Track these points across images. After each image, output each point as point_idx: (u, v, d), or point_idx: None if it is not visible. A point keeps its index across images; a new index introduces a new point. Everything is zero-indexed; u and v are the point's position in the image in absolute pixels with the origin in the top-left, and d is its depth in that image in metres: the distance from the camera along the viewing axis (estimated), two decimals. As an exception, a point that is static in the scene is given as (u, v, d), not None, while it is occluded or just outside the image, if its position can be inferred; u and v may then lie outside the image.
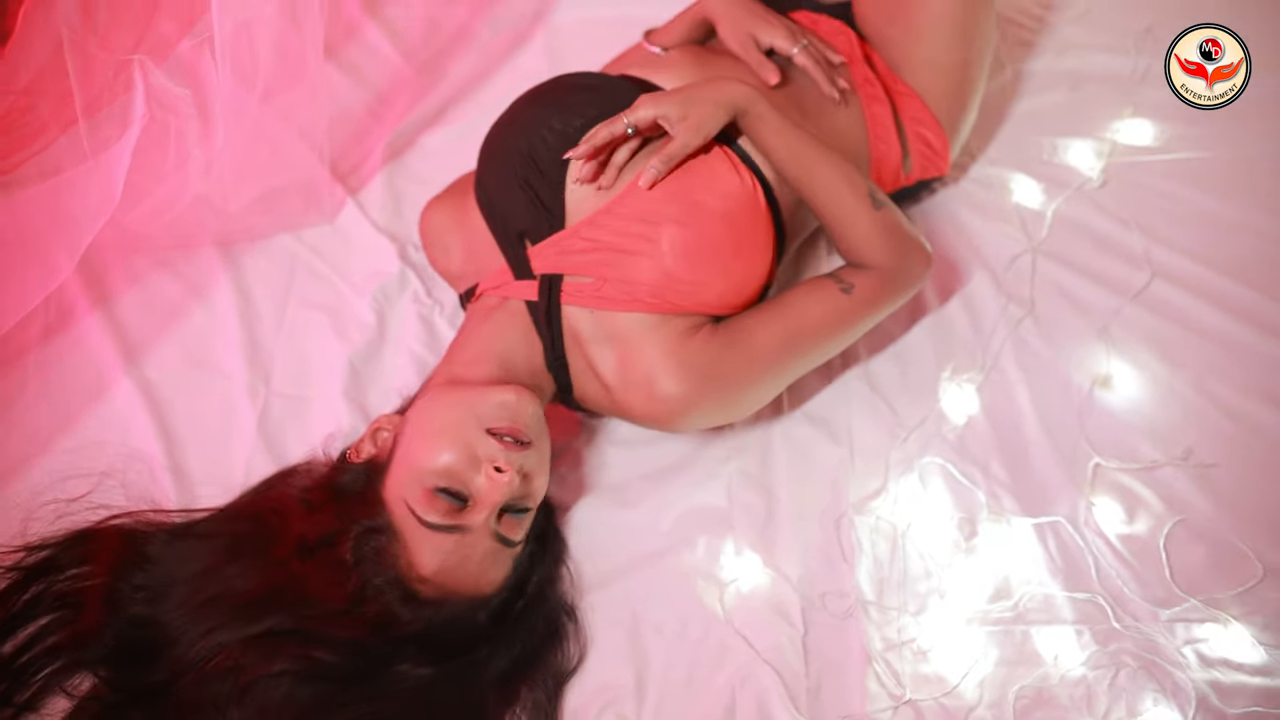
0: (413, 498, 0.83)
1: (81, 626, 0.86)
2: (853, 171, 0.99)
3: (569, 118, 0.97)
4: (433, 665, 0.86)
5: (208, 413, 1.09)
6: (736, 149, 1.00)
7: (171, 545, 0.89)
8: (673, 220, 0.93)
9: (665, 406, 0.93)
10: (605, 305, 0.94)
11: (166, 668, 0.83)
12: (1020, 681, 0.93)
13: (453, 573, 0.84)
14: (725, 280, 0.95)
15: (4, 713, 0.86)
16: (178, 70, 1.08)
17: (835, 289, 0.98)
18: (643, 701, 0.93)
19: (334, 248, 1.22)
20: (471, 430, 0.86)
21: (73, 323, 1.13)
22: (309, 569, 0.83)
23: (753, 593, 0.99)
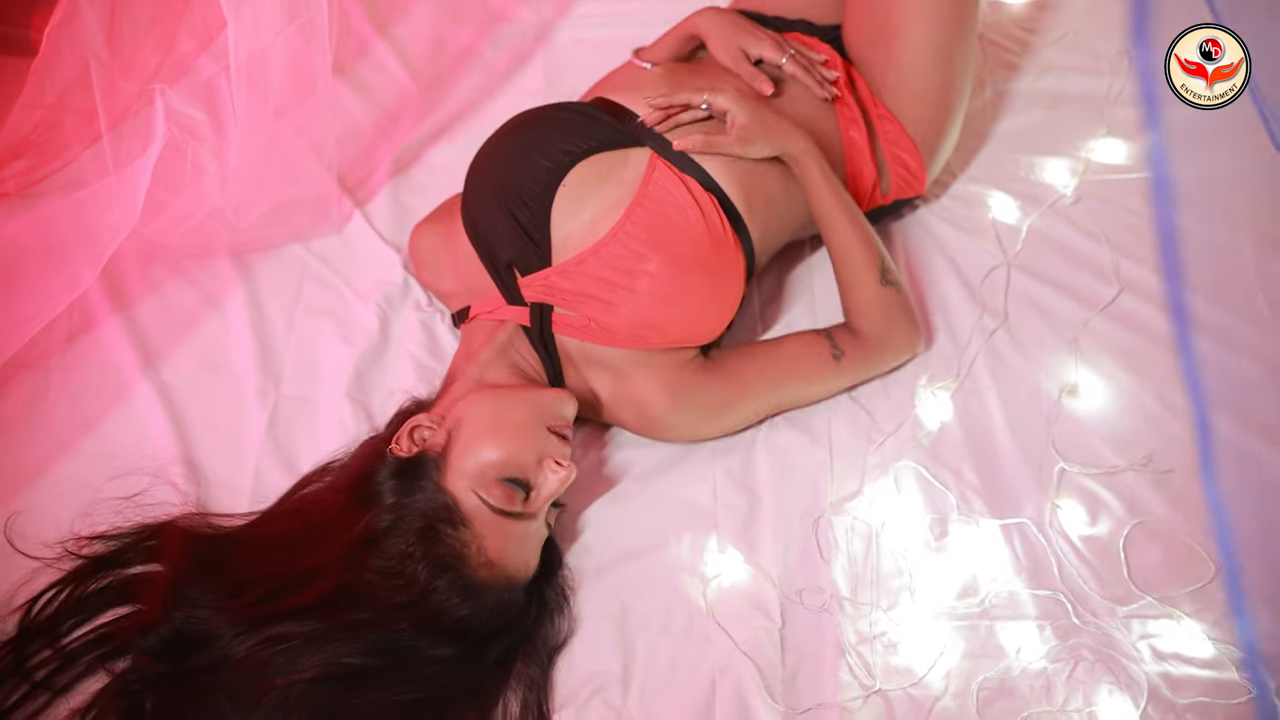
0: (483, 487, 0.91)
1: (139, 618, 0.92)
2: (872, 242, 1.08)
3: (552, 151, 1.03)
4: (451, 648, 0.90)
5: (221, 413, 1.15)
6: (705, 179, 1.05)
7: (226, 546, 0.96)
8: (648, 273, 1.00)
9: (654, 425, 1.05)
10: (591, 339, 1.02)
11: (208, 659, 0.89)
12: (984, 673, 0.98)
13: (513, 557, 0.92)
14: (699, 319, 1.03)
15: (41, 695, 0.93)
16: (195, 86, 1.15)
17: (827, 352, 1.08)
18: (629, 689, 0.98)
19: (341, 257, 1.28)
20: (537, 427, 0.95)
21: (94, 327, 1.20)
22: (367, 561, 0.89)
23: (734, 587, 1.04)
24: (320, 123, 1.25)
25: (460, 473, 0.92)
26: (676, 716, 0.96)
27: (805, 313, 1.24)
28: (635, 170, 1.04)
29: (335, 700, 0.87)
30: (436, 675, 0.90)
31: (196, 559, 0.95)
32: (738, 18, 1.16)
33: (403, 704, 0.89)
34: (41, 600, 0.96)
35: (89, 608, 0.96)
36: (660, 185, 1.03)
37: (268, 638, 0.88)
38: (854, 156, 1.17)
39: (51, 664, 0.93)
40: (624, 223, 1.01)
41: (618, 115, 1.08)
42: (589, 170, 1.03)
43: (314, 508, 0.99)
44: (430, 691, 0.90)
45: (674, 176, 1.04)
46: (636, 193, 1.02)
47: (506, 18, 1.53)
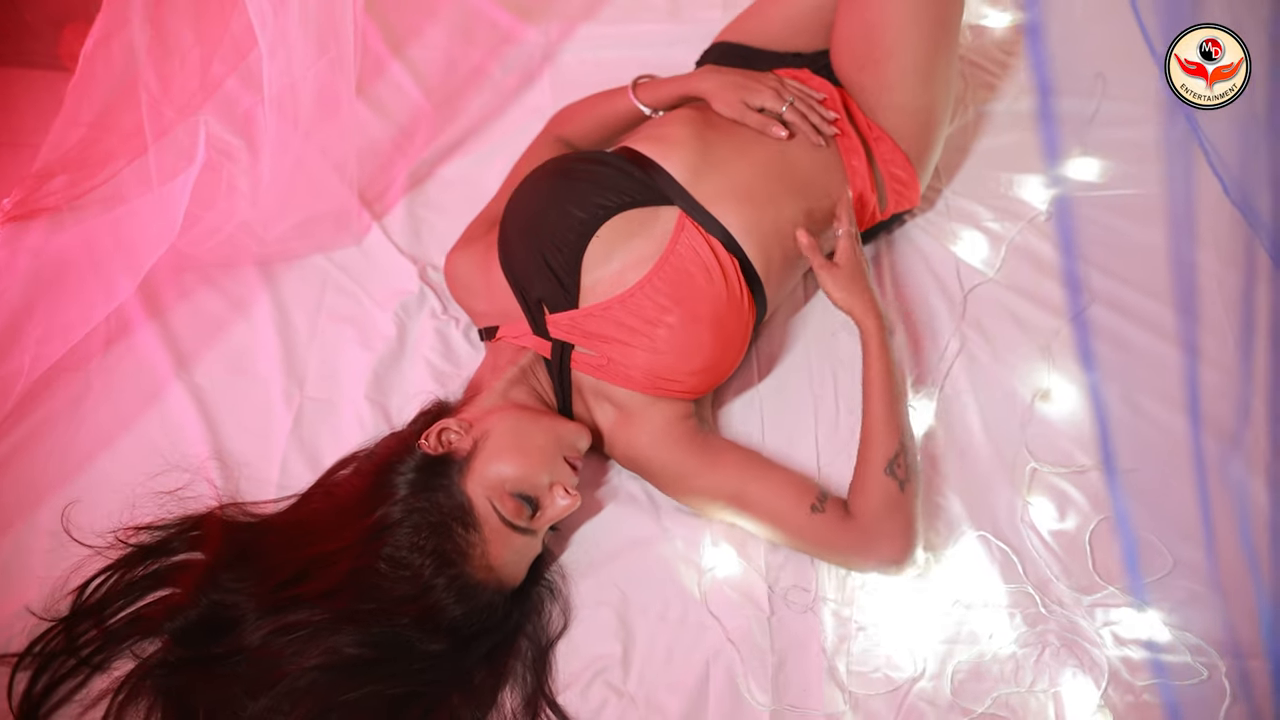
0: (498, 497, 0.99)
1: (172, 601, 1.01)
2: (896, 428, 1.09)
3: (587, 204, 1.11)
4: (442, 645, 0.97)
5: (249, 413, 1.23)
6: (729, 241, 1.13)
7: (259, 533, 1.04)
8: (668, 324, 1.08)
9: (638, 466, 1.13)
10: (606, 378, 1.11)
11: (228, 645, 0.97)
12: (959, 657, 1.06)
13: (509, 566, 1.00)
14: (708, 372, 1.11)
15: (80, 670, 1.01)
16: (234, 115, 1.23)
17: (809, 500, 1.08)
18: (628, 671, 1.06)
19: (360, 267, 1.37)
20: (556, 454, 1.04)
21: (130, 333, 1.28)
22: (378, 548, 0.96)
23: (727, 580, 1.12)
24: (342, 142, 1.32)
25: (480, 480, 1.00)
26: (672, 697, 1.04)
27: (801, 341, 1.30)
28: (665, 228, 1.12)
29: (333, 692, 0.94)
30: (425, 671, 0.97)
31: (233, 546, 1.02)
32: (734, 73, 1.22)
33: (393, 698, 0.96)
34: (92, 585, 1.04)
35: (134, 592, 1.05)
36: (687, 244, 1.11)
37: (281, 625, 0.96)
38: (857, 184, 1.24)
39: (96, 642, 1.02)
40: (651, 277, 1.09)
41: (645, 169, 1.14)
42: (621, 225, 1.11)
43: (339, 492, 1.07)
44: (418, 686, 0.97)
45: (700, 236, 1.11)
46: (665, 250, 1.10)
47: (515, 39, 1.61)
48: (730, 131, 1.20)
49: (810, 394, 1.26)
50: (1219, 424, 1.17)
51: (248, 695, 0.95)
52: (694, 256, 1.11)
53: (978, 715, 1.03)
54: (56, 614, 1.04)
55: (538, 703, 1.02)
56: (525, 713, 1.02)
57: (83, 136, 1.28)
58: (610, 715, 1.03)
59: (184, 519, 1.08)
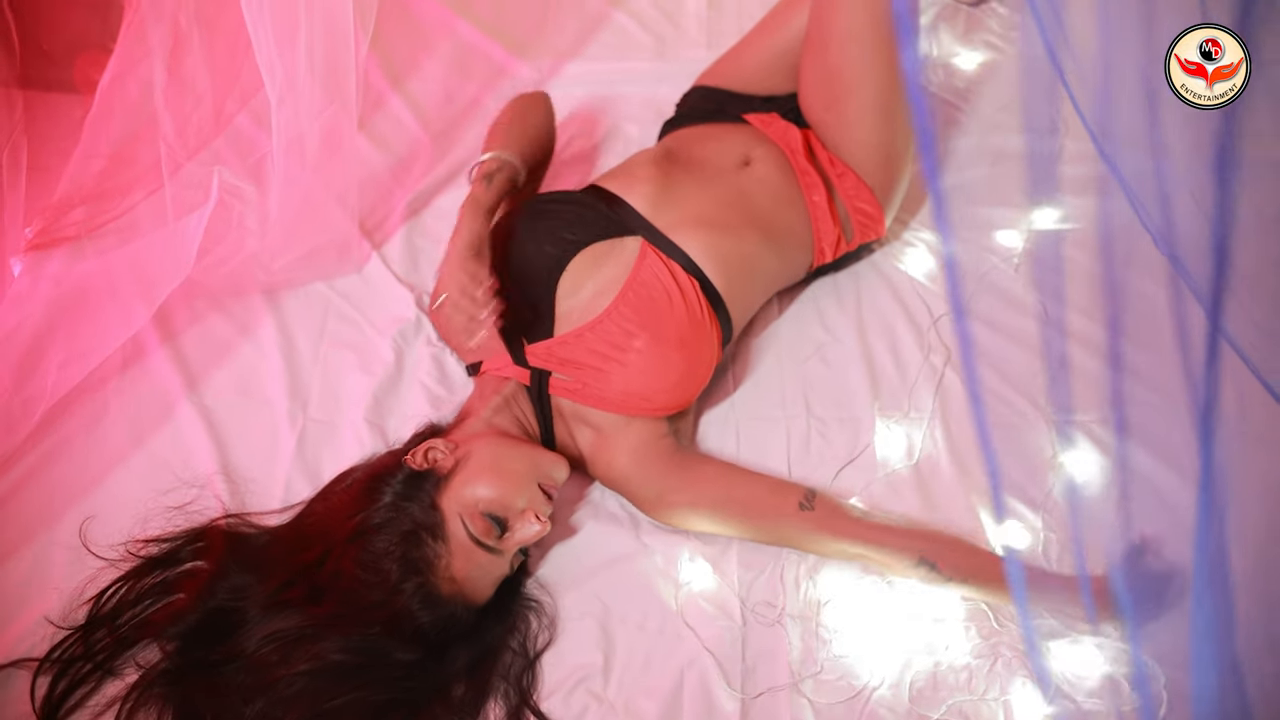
0: (469, 515, 1.06)
1: (177, 607, 1.08)
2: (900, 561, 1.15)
3: (558, 240, 1.19)
4: (414, 654, 1.04)
5: (255, 434, 1.31)
6: (688, 264, 1.21)
7: (258, 545, 1.12)
8: (636, 348, 1.16)
9: (620, 486, 1.20)
10: (582, 401, 1.18)
11: (225, 651, 1.05)
12: (917, 667, 1.13)
13: (474, 583, 1.06)
14: (677, 390, 1.19)
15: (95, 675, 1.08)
16: (238, 142, 1.30)
17: (796, 498, 1.16)
18: (609, 679, 1.13)
19: (361, 295, 1.44)
20: (530, 481, 1.10)
21: (144, 356, 1.36)
22: (355, 552, 1.03)
23: (702, 593, 1.20)
24: (345, 174, 1.40)
25: (455, 497, 1.07)
26: (649, 702, 1.11)
27: (774, 365, 1.38)
28: (629, 256, 1.20)
29: (320, 697, 1.01)
30: (405, 679, 1.04)
31: (233, 555, 1.10)
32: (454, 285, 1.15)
33: (377, 704, 1.03)
34: (106, 594, 1.12)
35: (144, 600, 1.12)
36: (649, 270, 1.19)
37: (274, 631, 1.03)
38: (818, 217, 1.33)
39: (108, 648, 1.09)
40: (617, 303, 1.18)
41: (611, 204, 1.24)
42: (589, 256, 1.20)
43: (332, 503, 1.14)
44: (398, 694, 1.04)
45: (660, 262, 1.20)
46: (629, 277, 1.19)
47: (509, 74, 1.69)
48: (692, 168, 1.29)
49: (783, 415, 1.34)
50: (1168, 451, 1.25)
51: (243, 700, 1.01)
52: (656, 281, 1.19)
53: (934, 721, 1.10)
54: (74, 622, 1.11)
55: (522, 711, 1.09)
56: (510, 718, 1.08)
57: (101, 170, 1.37)
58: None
59: (189, 531, 1.15)
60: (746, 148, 1.34)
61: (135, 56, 1.33)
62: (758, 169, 1.32)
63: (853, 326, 1.40)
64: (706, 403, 1.35)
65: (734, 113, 1.38)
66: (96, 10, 1.65)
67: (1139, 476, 1.24)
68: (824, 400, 1.35)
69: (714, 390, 1.36)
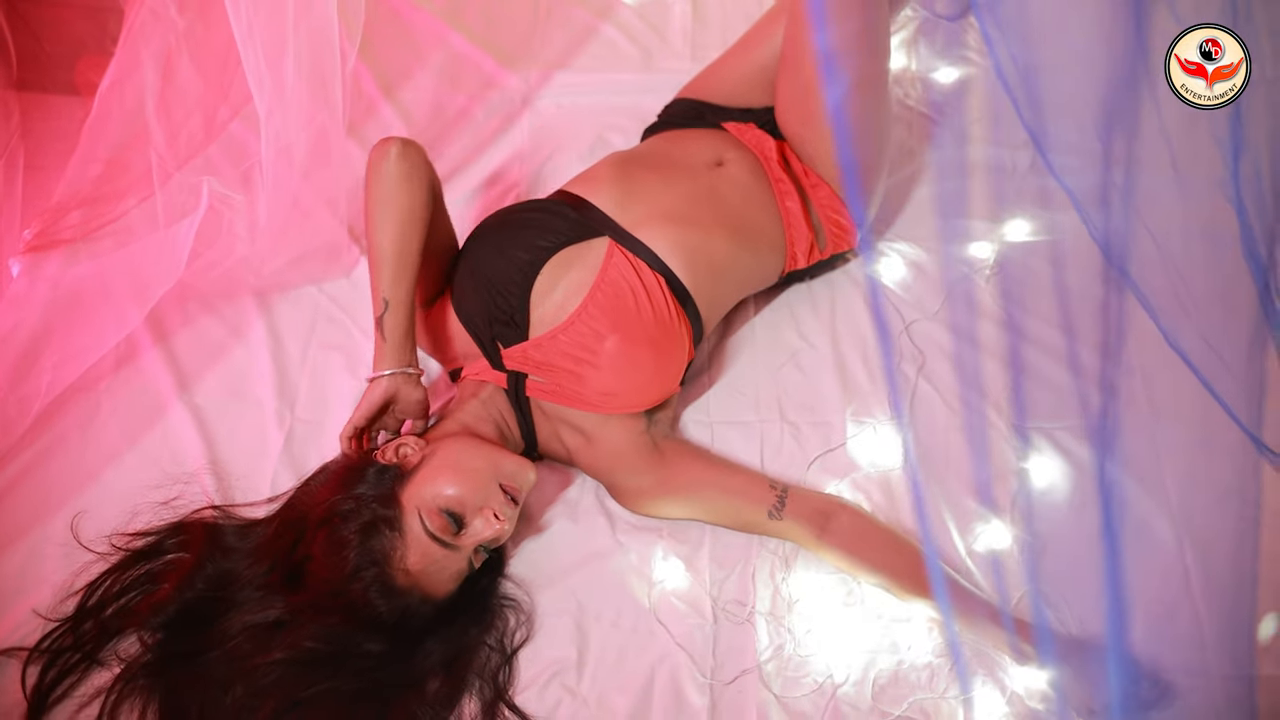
0: (426, 509, 1.09)
1: (158, 598, 1.12)
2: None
3: (529, 247, 1.23)
4: (383, 646, 1.08)
5: (244, 433, 1.35)
6: (654, 260, 1.25)
7: (237, 536, 1.16)
8: (607, 351, 1.20)
9: (606, 484, 1.26)
10: (559, 401, 1.22)
11: (204, 642, 1.09)
12: (880, 665, 1.17)
13: (429, 576, 1.09)
14: (649, 387, 1.23)
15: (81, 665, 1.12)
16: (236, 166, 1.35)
17: (766, 507, 1.21)
18: (582, 673, 1.17)
19: (349, 298, 1.48)
20: (490, 481, 1.12)
21: (137, 356, 1.40)
22: (321, 539, 1.07)
23: (674, 591, 1.23)
24: (334, 180, 1.44)
25: (414, 492, 1.10)
26: (621, 697, 1.15)
27: (749, 370, 1.42)
28: (596, 258, 1.24)
29: (296, 686, 1.05)
30: (374, 670, 1.07)
31: (214, 546, 1.14)
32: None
33: (350, 694, 1.06)
34: (95, 586, 1.16)
35: (129, 591, 1.16)
36: (615, 270, 1.23)
37: (249, 620, 1.07)
38: (791, 223, 1.37)
39: (95, 639, 1.13)
40: (586, 304, 1.21)
41: (578, 208, 1.28)
42: (560, 260, 1.23)
43: (309, 493, 1.18)
44: (368, 684, 1.07)
45: (626, 261, 1.24)
46: (595, 279, 1.23)
47: (497, 85, 1.73)
48: (656, 167, 1.33)
49: (757, 419, 1.37)
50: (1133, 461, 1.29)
51: (222, 689, 1.05)
52: (622, 281, 1.22)
53: (894, 718, 1.14)
54: (63, 614, 1.15)
55: (496, 706, 1.13)
56: (485, 713, 1.12)
57: (97, 175, 1.41)
58: (564, 714, 1.14)
59: (171, 524, 1.19)
60: (720, 150, 1.38)
61: (133, 64, 1.37)
62: (730, 169, 1.35)
63: (826, 334, 1.44)
64: (683, 405, 1.39)
65: (713, 120, 1.42)
66: (96, 15, 1.70)
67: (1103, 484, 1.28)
68: (797, 405, 1.39)
69: (691, 393, 1.40)
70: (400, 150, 1.20)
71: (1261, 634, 1.00)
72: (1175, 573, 1.22)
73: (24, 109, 1.52)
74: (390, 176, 1.19)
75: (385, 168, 1.19)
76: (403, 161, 1.20)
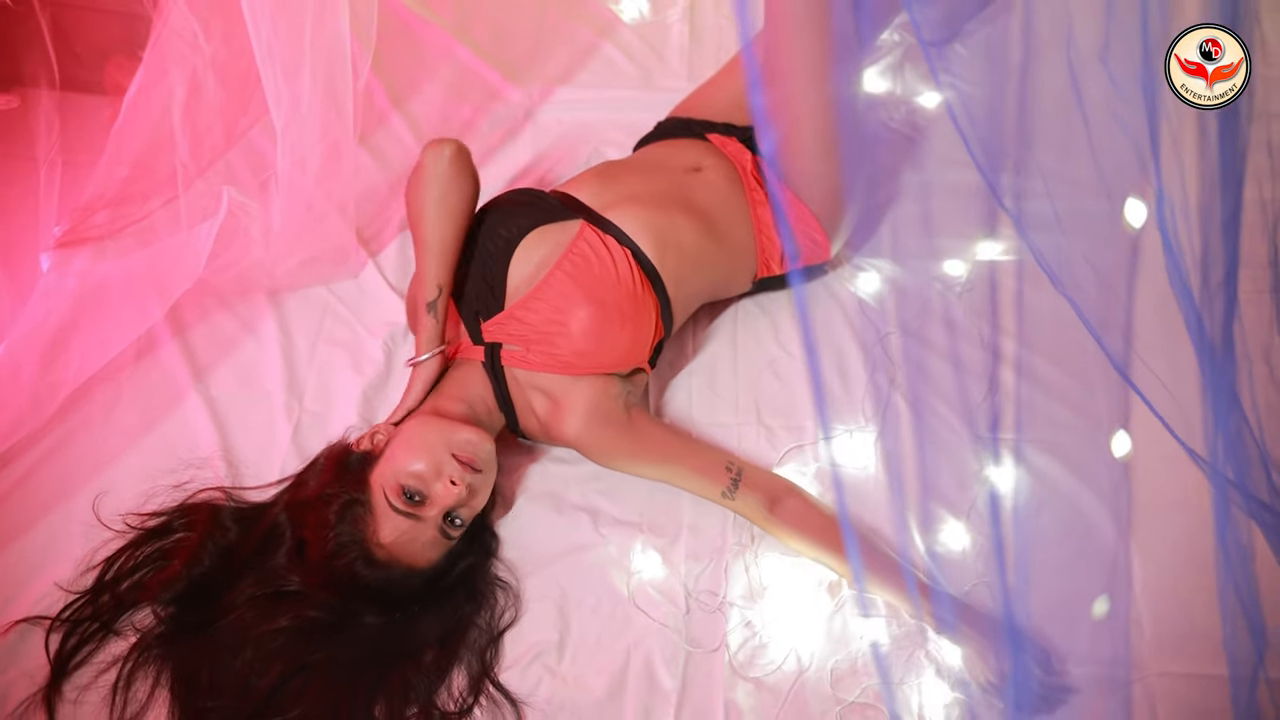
0: (388, 487, 1.18)
1: (168, 574, 1.21)
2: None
3: (510, 225, 1.34)
4: (380, 617, 1.18)
5: (255, 423, 1.44)
6: (621, 237, 1.34)
7: (239, 517, 1.25)
8: (577, 317, 1.29)
9: (575, 442, 1.32)
10: (531, 367, 1.31)
11: (211, 612, 1.18)
12: (837, 655, 1.26)
13: (403, 547, 1.18)
14: (618, 344, 1.31)
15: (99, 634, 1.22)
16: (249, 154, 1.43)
17: (721, 487, 1.31)
18: (563, 655, 1.26)
19: (356, 299, 1.57)
20: (442, 451, 1.20)
21: (156, 348, 1.49)
22: (311, 520, 1.18)
23: (651, 581, 1.32)
24: (345, 188, 1.53)
25: (379, 473, 1.20)
26: (598, 677, 1.24)
27: (729, 376, 1.50)
28: (569, 233, 1.35)
29: (300, 654, 1.15)
30: (373, 640, 1.17)
31: (218, 527, 1.24)
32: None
33: (352, 661, 1.16)
34: (112, 562, 1.25)
35: (142, 567, 1.25)
36: (585, 243, 1.33)
37: (253, 592, 1.17)
38: (762, 231, 1.46)
39: (111, 610, 1.23)
40: (554, 271, 1.31)
41: (562, 199, 1.39)
42: (537, 237, 1.34)
43: (305, 480, 1.28)
44: (369, 652, 1.17)
45: (596, 236, 1.34)
46: (567, 248, 1.33)
47: (502, 98, 1.81)
48: (637, 168, 1.44)
49: (735, 421, 1.46)
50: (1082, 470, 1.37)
51: (231, 655, 1.15)
52: (591, 251, 1.32)
53: (850, 703, 1.23)
54: (82, 587, 1.25)
55: (482, 681, 1.22)
56: (471, 689, 1.21)
57: (124, 177, 1.50)
58: (545, 691, 1.23)
59: (181, 505, 1.29)
60: (700, 157, 1.46)
61: (160, 71, 1.45)
62: (708, 175, 1.44)
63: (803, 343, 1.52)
64: (668, 407, 1.48)
65: (698, 131, 1.50)
66: (125, 18, 1.79)
67: (1057, 493, 1.37)
68: (773, 410, 1.47)
69: (674, 397, 1.49)
70: (455, 151, 1.31)
71: (1095, 613, 1.09)
72: (1120, 575, 1.30)
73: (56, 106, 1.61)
74: (446, 175, 1.30)
75: (441, 167, 1.30)
76: (457, 161, 1.31)
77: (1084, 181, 1.24)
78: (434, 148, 1.31)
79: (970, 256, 1.59)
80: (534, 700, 1.22)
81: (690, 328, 1.55)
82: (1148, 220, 1.15)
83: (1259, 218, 1.07)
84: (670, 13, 1.94)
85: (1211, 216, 0.96)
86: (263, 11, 1.23)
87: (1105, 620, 1.22)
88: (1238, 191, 0.95)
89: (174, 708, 1.16)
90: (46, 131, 1.38)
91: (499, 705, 1.21)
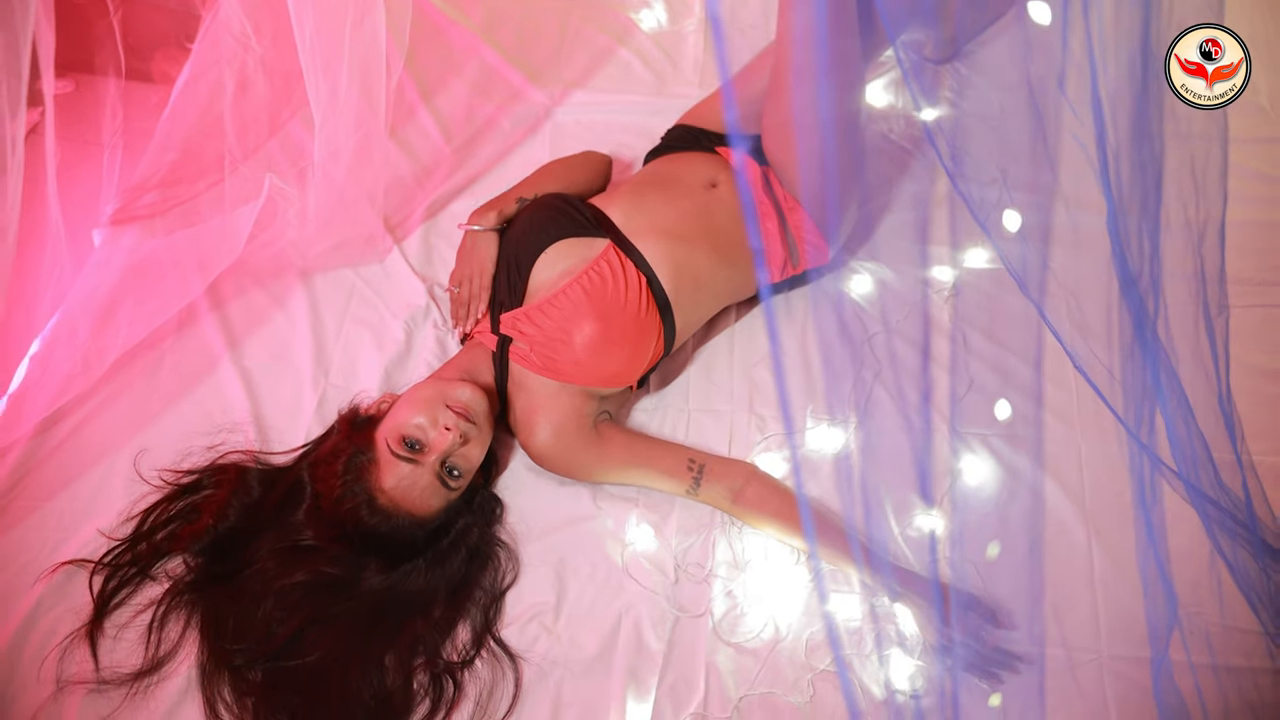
0: (391, 438, 1.29)
1: (198, 526, 1.33)
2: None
3: (547, 228, 1.46)
4: (386, 573, 1.29)
5: (283, 393, 1.55)
6: (641, 263, 1.44)
7: (264, 478, 1.37)
8: (583, 330, 1.39)
9: (540, 457, 1.42)
10: (531, 367, 1.42)
11: (236, 562, 1.30)
12: (813, 627, 1.36)
13: (403, 493, 1.28)
14: (613, 366, 1.41)
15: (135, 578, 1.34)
16: (288, 145, 1.54)
17: (683, 487, 1.41)
18: (559, 615, 1.37)
19: (381, 282, 1.68)
20: (438, 402, 1.32)
21: (196, 321, 1.61)
22: (323, 473, 1.30)
23: (643, 553, 1.42)
24: (375, 178, 1.64)
25: (384, 427, 1.32)
26: (591, 637, 1.35)
27: (726, 367, 1.60)
28: (593, 250, 1.45)
29: (319, 606, 1.26)
30: (383, 594, 1.28)
31: (244, 485, 1.35)
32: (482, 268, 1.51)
33: (367, 613, 1.27)
34: (149, 514, 1.37)
35: (175, 520, 1.37)
36: (606, 263, 1.43)
37: (274, 545, 1.28)
38: (769, 242, 1.55)
39: (146, 556, 1.34)
40: (572, 284, 1.41)
41: (595, 215, 1.49)
42: (564, 246, 1.45)
43: (323, 441, 1.40)
44: (383, 604, 1.28)
45: (618, 258, 1.44)
46: (587, 265, 1.43)
47: (524, 98, 1.92)
48: (664, 186, 1.53)
49: (729, 409, 1.56)
50: (1058, 469, 1.46)
51: (254, 604, 1.26)
52: (609, 272, 1.42)
53: (821, 670, 1.33)
54: (122, 535, 1.37)
55: (484, 636, 1.33)
56: (473, 643, 1.32)
57: (172, 161, 1.62)
58: (541, 648, 1.34)
59: (211, 464, 1.40)
60: (714, 173, 1.56)
61: (207, 62, 1.57)
62: (721, 191, 1.54)
63: (797, 340, 1.62)
64: (667, 393, 1.58)
65: (708, 145, 1.61)
66: (174, 12, 1.91)
67: (1026, 485, 1.46)
68: (765, 400, 1.57)
69: (674, 384, 1.59)
70: (607, 155, 1.66)
71: (988, 555, 1.18)
72: (1082, 566, 1.40)
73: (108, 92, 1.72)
74: (596, 160, 1.65)
75: (597, 155, 1.64)
76: (605, 159, 1.64)
77: (1063, 194, 1.33)
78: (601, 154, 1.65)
79: (957, 263, 1.68)
80: (531, 655, 1.33)
81: (692, 323, 1.65)
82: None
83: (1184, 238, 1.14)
84: (687, 23, 2.04)
85: (1144, 235, 1.05)
86: (306, 11, 1.34)
87: (1068, 609, 1.31)
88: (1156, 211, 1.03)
89: (203, 648, 1.28)
90: (111, 117, 1.50)
91: (499, 659, 1.32)
